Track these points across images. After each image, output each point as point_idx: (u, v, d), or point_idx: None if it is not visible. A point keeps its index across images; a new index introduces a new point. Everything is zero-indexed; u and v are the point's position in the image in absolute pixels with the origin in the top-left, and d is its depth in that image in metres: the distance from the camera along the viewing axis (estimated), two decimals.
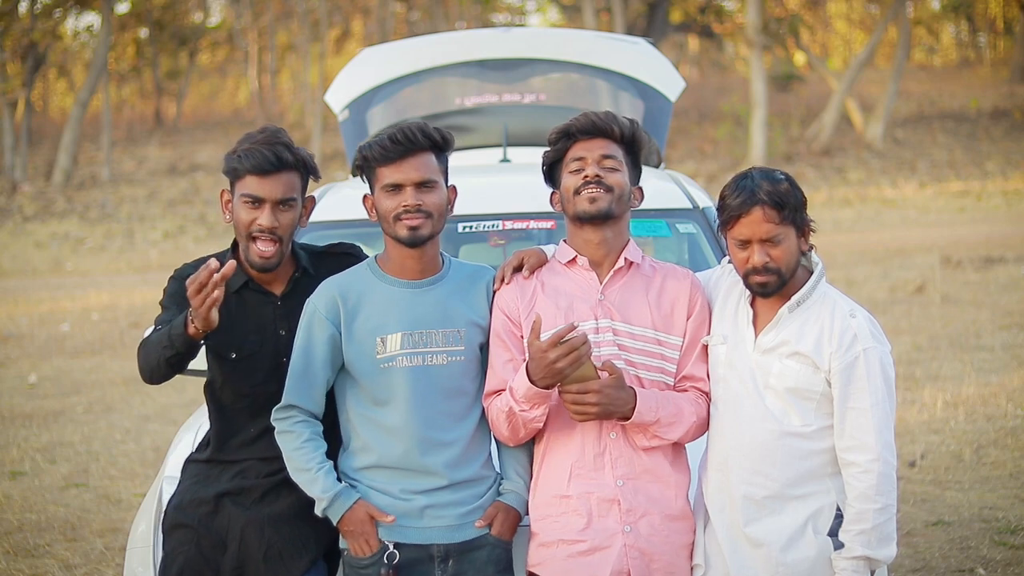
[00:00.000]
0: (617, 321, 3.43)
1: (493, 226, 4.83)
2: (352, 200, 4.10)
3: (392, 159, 3.39)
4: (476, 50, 6.58)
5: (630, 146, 3.50)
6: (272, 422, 3.43)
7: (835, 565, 3.30)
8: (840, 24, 48.66)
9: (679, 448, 3.47)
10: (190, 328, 3.17)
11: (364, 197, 3.52)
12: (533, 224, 4.86)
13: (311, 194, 3.61)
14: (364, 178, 3.49)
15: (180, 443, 4.15)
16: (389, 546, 3.37)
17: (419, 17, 44.73)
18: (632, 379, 3.38)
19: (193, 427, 4.15)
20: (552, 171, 3.55)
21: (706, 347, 3.47)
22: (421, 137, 3.40)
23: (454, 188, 3.52)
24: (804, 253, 3.39)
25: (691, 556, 3.44)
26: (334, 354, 3.42)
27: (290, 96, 45.23)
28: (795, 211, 3.32)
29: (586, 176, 3.41)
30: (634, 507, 3.36)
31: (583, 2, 34.65)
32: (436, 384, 3.41)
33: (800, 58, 41.57)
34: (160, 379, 3.36)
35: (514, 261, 3.53)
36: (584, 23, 33.26)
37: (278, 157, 3.42)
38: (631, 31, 31.66)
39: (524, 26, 43.61)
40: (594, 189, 3.40)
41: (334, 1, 41.81)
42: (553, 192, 3.56)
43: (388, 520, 3.36)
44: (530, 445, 3.49)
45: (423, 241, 3.41)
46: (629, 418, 3.32)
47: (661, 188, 4.95)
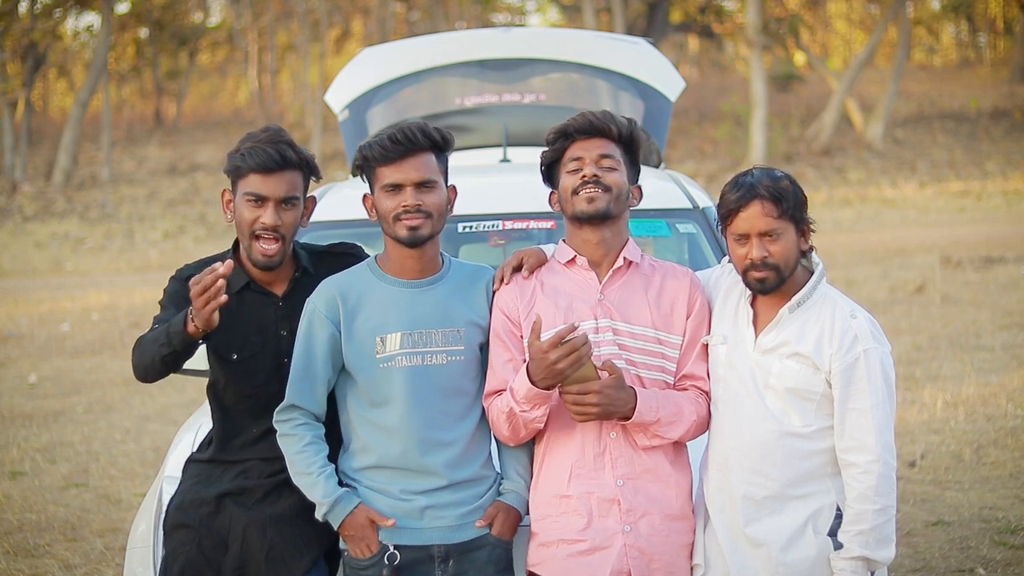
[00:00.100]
0: (617, 321, 3.43)
1: (493, 226, 4.83)
2: (352, 200, 4.10)
3: (392, 159, 3.39)
4: (476, 50, 6.58)
5: (628, 145, 3.50)
6: (274, 424, 3.44)
7: (833, 565, 3.30)
8: (840, 24, 48.64)
9: (680, 448, 3.47)
10: (189, 327, 3.17)
11: (364, 197, 3.52)
12: (533, 224, 4.85)
13: (312, 194, 3.61)
14: (364, 178, 3.49)
15: (180, 443, 4.14)
16: (389, 547, 3.36)
17: (419, 17, 44.73)
18: (632, 379, 3.38)
19: (193, 427, 4.14)
20: (550, 171, 3.55)
21: (706, 346, 3.47)
22: (421, 137, 3.40)
23: (454, 188, 3.52)
24: (804, 254, 3.39)
25: (691, 556, 3.44)
26: (334, 354, 3.41)
27: (290, 96, 45.22)
28: (794, 207, 3.32)
29: (584, 176, 3.41)
30: (634, 507, 3.36)
31: (583, 2, 34.64)
32: (436, 384, 3.41)
33: (800, 58, 41.56)
34: (154, 377, 3.35)
35: (513, 261, 3.53)
36: (584, 23, 33.26)
37: (282, 155, 3.42)
38: (631, 31, 31.66)
39: (524, 26, 43.61)
40: (592, 189, 3.40)
41: (334, 1, 41.81)
42: (552, 192, 3.56)
43: (388, 524, 3.36)
44: (530, 445, 3.49)
45: (423, 241, 3.41)
46: (630, 418, 3.32)
47: (661, 188, 4.95)
